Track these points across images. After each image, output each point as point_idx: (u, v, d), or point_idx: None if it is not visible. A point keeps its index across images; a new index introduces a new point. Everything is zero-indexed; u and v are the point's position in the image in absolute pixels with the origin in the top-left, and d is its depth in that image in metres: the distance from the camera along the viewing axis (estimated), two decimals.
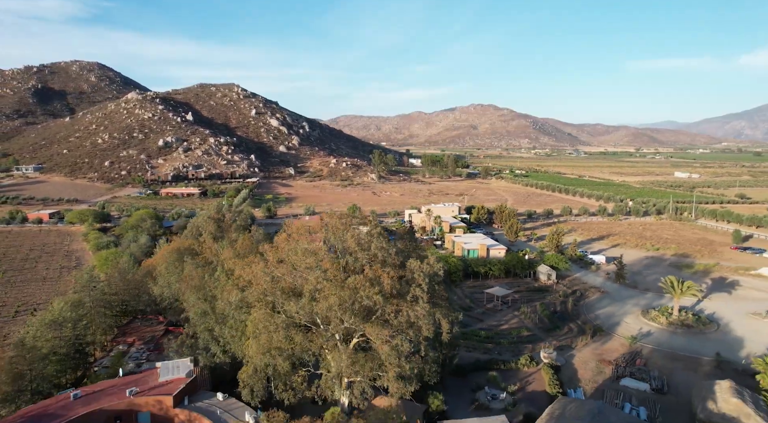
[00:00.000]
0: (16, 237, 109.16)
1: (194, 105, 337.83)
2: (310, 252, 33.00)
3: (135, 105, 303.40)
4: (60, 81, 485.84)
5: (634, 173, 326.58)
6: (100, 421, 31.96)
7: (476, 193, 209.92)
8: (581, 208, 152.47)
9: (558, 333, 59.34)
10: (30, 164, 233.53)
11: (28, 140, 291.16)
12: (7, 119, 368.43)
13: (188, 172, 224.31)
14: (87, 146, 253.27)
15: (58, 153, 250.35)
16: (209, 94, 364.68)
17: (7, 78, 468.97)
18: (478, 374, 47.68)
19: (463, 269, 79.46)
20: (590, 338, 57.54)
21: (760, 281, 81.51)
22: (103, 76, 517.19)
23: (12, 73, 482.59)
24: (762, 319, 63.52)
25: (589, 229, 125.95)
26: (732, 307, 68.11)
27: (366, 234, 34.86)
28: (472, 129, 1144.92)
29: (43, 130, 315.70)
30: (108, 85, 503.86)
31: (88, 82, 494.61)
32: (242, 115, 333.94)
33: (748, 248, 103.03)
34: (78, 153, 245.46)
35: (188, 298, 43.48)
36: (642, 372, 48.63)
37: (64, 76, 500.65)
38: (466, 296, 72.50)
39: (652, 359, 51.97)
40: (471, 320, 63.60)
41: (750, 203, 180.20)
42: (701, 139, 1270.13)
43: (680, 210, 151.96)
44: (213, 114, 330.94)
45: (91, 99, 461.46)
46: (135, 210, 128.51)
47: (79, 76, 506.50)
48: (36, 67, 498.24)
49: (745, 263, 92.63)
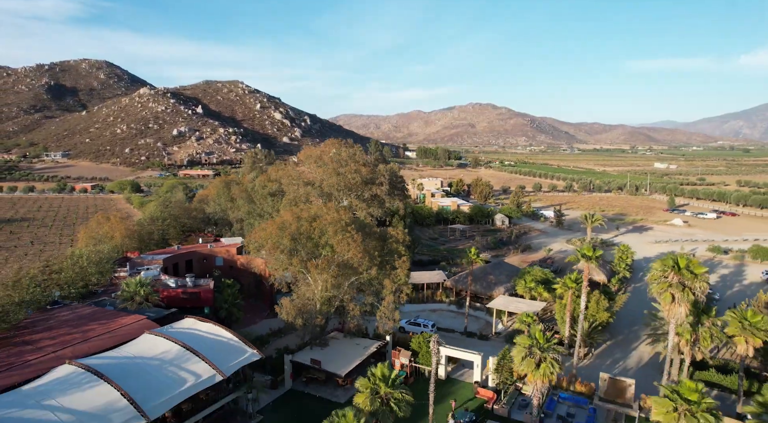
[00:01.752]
0: (69, 201, 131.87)
1: (202, 99, 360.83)
2: (319, 160, 55.77)
3: (148, 99, 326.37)
4: (71, 78, 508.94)
5: (618, 165, 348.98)
6: (196, 258, 54.66)
7: (463, 178, 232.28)
8: (550, 186, 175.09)
9: (499, 250, 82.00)
10: (57, 151, 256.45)
11: (50, 131, 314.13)
12: (25, 114, 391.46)
13: (201, 158, 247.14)
14: (107, 135, 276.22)
15: (81, 142, 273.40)
16: (216, 89, 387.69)
17: (20, 76, 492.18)
18: (434, 266, 70.33)
19: (436, 217, 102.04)
20: (520, 252, 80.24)
21: (668, 227, 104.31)
22: (111, 74, 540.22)
23: (24, 70, 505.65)
24: (652, 244, 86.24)
25: (552, 199, 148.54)
26: (636, 239, 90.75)
27: (352, 152, 57.59)
28: (470, 127, 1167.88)
29: (62, 122, 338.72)
30: (116, 82, 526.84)
31: (97, 80, 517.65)
32: (248, 108, 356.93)
33: (675, 209, 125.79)
34: (99, 141, 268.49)
35: (238, 204, 66.27)
36: (548, 264, 71.28)
37: (75, 73, 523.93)
38: (436, 233, 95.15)
39: (557, 260, 74.68)
40: (436, 243, 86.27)
41: (707, 184, 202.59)
42: (697, 138, 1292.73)
43: (639, 187, 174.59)
44: (220, 108, 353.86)
45: (101, 95, 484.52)
46: (162, 184, 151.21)
47: (88, 73, 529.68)
48: (47, 65, 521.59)
49: (667, 218, 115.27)
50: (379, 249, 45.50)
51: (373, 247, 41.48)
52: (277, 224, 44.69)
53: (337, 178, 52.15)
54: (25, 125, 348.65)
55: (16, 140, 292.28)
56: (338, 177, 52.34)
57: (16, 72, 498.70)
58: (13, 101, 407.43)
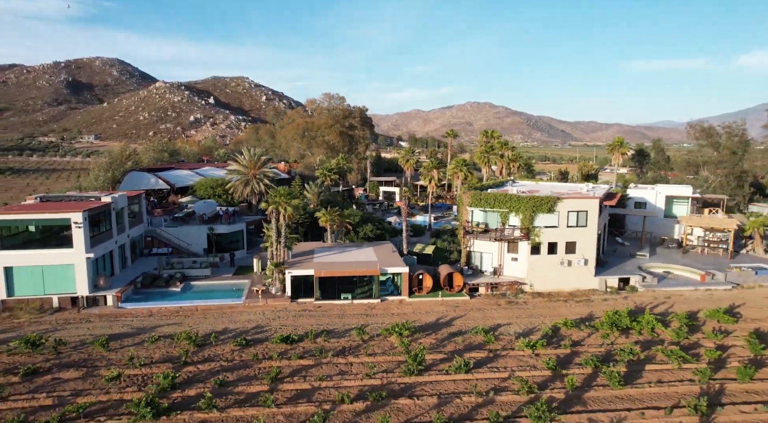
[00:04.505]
0: None
1: (212, 92, 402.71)
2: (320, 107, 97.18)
3: (165, 91, 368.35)
4: (86, 75, 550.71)
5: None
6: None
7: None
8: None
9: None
10: (90, 135, 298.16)
11: (77, 120, 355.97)
12: (49, 106, 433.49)
13: (216, 140, 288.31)
14: (131, 122, 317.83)
15: (109, 127, 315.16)
16: (224, 84, 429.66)
17: (39, 73, 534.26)
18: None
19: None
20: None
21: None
22: (123, 71, 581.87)
23: (43, 67, 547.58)
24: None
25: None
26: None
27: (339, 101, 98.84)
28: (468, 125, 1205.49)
29: (86, 113, 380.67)
30: (128, 78, 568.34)
31: (111, 76, 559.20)
32: (254, 100, 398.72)
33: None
34: (125, 127, 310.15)
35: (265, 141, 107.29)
36: None
37: (89, 70, 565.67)
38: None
39: None
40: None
41: None
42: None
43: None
44: (229, 100, 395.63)
45: (114, 90, 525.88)
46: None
47: (102, 70, 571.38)
48: (63, 62, 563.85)
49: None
50: (350, 143, 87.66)
51: (347, 142, 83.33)
52: (295, 125, 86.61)
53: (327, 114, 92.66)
54: (53, 115, 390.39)
55: (48, 127, 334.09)
56: (329, 113, 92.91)
57: (34, 69, 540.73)
58: (36, 95, 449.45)
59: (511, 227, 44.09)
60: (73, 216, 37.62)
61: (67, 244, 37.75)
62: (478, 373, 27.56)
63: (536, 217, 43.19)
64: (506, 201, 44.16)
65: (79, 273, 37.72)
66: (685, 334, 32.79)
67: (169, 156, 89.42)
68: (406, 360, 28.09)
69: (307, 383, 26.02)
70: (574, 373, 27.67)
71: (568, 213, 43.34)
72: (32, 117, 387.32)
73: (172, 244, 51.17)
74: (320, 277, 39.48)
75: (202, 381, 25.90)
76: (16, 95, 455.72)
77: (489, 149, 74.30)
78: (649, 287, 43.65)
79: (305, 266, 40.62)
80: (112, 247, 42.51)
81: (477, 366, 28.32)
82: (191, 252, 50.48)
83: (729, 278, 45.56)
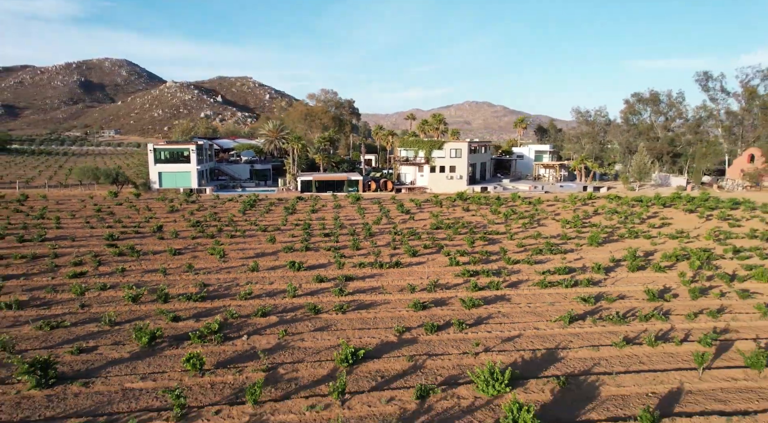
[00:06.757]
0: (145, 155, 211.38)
1: (219, 91, 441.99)
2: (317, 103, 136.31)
3: (176, 90, 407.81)
4: (97, 75, 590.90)
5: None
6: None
7: None
8: None
9: None
10: (110, 129, 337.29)
11: (95, 117, 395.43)
12: (66, 105, 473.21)
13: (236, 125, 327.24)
14: (147, 118, 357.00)
15: (126, 123, 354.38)
16: (230, 83, 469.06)
17: (52, 73, 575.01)
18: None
19: None
20: None
21: None
22: (132, 71, 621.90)
23: (56, 68, 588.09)
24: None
25: None
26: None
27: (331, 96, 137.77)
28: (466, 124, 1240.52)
29: (102, 111, 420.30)
30: (137, 78, 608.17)
31: (120, 77, 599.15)
32: (258, 99, 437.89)
33: None
34: (142, 123, 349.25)
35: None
36: None
37: (99, 71, 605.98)
38: None
39: None
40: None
41: None
42: None
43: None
44: (235, 98, 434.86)
45: (124, 90, 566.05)
46: None
47: (111, 71, 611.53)
48: (74, 63, 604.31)
49: None
50: (339, 124, 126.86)
51: (337, 123, 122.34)
52: (297, 111, 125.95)
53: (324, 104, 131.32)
54: (72, 113, 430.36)
55: (69, 124, 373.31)
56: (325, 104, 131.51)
57: (47, 70, 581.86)
58: (53, 95, 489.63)
59: (420, 158, 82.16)
60: (190, 147, 75.88)
61: (187, 161, 75.91)
62: (391, 202, 65.62)
63: (433, 152, 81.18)
64: (416, 143, 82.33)
65: (193, 176, 75.86)
66: (498, 200, 70.79)
67: (212, 132, 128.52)
68: (353, 204, 66.26)
69: (309, 211, 64.14)
70: (450, 218, 65.72)
71: (450, 149, 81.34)
72: (52, 115, 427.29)
73: (228, 175, 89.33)
74: (316, 180, 77.51)
75: (259, 211, 63.91)
76: (33, 94, 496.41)
77: (424, 122, 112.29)
78: (496, 190, 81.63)
79: (307, 176, 78.74)
80: (203, 167, 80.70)
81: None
82: (238, 179, 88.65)
83: (545, 188, 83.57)
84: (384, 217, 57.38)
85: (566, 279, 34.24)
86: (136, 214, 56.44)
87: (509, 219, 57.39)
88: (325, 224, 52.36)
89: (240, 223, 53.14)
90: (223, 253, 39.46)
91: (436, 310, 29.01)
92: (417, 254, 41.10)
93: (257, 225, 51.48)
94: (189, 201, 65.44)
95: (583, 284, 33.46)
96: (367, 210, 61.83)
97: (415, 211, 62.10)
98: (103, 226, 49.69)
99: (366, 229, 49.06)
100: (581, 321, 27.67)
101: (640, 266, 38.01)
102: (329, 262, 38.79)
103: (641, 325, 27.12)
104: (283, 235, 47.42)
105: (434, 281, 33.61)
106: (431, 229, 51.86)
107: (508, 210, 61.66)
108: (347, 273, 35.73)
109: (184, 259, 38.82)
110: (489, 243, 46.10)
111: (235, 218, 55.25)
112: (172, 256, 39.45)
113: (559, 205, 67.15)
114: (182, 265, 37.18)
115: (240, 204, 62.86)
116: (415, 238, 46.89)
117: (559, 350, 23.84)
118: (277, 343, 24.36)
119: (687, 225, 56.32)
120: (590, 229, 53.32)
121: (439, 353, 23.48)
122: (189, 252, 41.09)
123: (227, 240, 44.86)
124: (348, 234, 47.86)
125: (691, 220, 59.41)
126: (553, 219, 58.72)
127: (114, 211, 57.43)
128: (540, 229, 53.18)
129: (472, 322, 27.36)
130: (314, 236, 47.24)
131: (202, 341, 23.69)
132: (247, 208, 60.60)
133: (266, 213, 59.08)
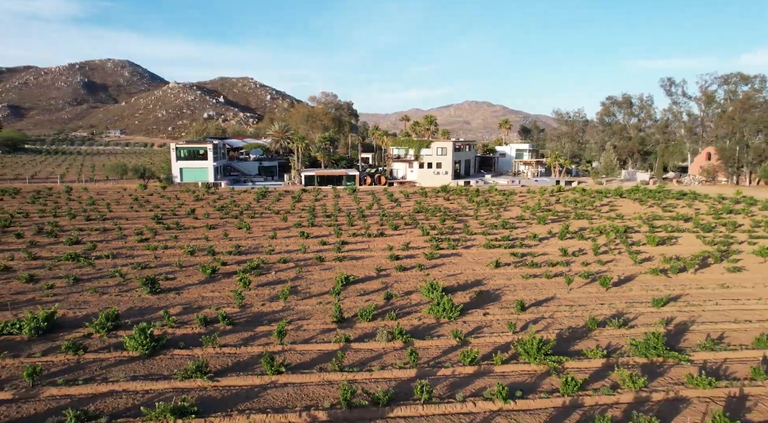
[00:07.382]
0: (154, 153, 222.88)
1: (221, 92, 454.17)
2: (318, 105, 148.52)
3: (179, 91, 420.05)
4: (99, 76, 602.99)
5: None
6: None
7: None
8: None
9: None
10: (115, 130, 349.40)
11: (99, 118, 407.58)
12: (70, 106, 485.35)
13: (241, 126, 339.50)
14: (151, 119, 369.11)
15: (131, 123, 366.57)
16: (232, 84, 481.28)
17: (56, 74, 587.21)
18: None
19: None
20: None
21: None
22: (134, 72, 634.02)
23: (59, 69, 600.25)
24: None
25: None
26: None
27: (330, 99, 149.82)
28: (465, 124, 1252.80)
29: (107, 111, 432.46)
30: (139, 79, 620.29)
31: (123, 77, 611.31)
32: (259, 99, 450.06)
33: None
34: (146, 123, 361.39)
35: None
36: None
37: (102, 72, 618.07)
38: None
39: None
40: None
41: None
42: None
43: None
44: (237, 99, 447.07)
45: (127, 90, 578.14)
46: None
47: (114, 71, 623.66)
48: (77, 64, 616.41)
49: None
50: (339, 125, 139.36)
51: (336, 124, 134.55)
52: (299, 112, 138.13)
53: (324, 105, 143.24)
54: (77, 113, 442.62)
55: (75, 124, 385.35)
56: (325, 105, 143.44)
57: (50, 70, 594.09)
58: (57, 95, 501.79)
59: (410, 155, 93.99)
60: (207, 146, 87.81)
61: (204, 158, 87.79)
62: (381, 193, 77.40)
63: (421, 150, 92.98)
64: (407, 142, 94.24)
65: (210, 172, 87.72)
66: (477, 192, 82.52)
67: (222, 132, 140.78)
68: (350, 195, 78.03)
69: (313, 200, 75.92)
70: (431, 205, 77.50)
71: (437, 148, 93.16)
72: (57, 115, 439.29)
73: (239, 171, 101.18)
74: (318, 175, 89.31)
75: (270, 200, 75.64)
76: (38, 95, 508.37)
77: (416, 124, 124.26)
78: (477, 184, 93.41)
79: (310, 171, 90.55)
80: (218, 164, 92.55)
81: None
82: (248, 174, 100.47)
83: (521, 183, 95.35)
84: (375, 204, 69.24)
85: (506, 243, 46.05)
86: (167, 202, 68.33)
87: (480, 206, 69.22)
88: (327, 209, 64.24)
89: (256, 208, 65.03)
90: (249, 227, 51.37)
91: (406, 261, 40.88)
92: (398, 228, 52.97)
93: (271, 209, 63.41)
94: (209, 192, 77.39)
95: (518, 246, 45.31)
96: (362, 199, 73.67)
97: (403, 200, 73.94)
98: (145, 210, 61.57)
99: (359, 213, 60.93)
100: (507, 267, 39.54)
101: (569, 237, 49.81)
102: (330, 233, 50.62)
103: (549, 269, 38.93)
104: (292, 217, 59.29)
105: (407, 243, 45.49)
106: (413, 213, 63.70)
107: (482, 199, 73.49)
108: (344, 240, 47.54)
109: (218, 231, 50.68)
110: (457, 222, 57.92)
111: (251, 205, 67.12)
112: (208, 230, 51.28)
113: (528, 196, 78.97)
114: (218, 235, 49.05)
115: (253, 194, 74.83)
116: (398, 218, 58.72)
117: (484, 280, 35.79)
118: (295, 275, 36.28)
119: (629, 211, 68.11)
120: (545, 213, 65.11)
121: (403, 281, 35.37)
122: (220, 227, 52.94)
123: (248, 219, 56.73)
124: (345, 215, 59.68)
125: (635, 207, 71.24)
126: (519, 206, 70.54)
127: (149, 200, 69.32)
128: (504, 213, 64.99)
129: (430, 266, 39.27)
130: (318, 217, 59.09)
131: (245, 274, 35.54)
132: (260, 198, 72.49)
133: (277, 201, 70.98)
